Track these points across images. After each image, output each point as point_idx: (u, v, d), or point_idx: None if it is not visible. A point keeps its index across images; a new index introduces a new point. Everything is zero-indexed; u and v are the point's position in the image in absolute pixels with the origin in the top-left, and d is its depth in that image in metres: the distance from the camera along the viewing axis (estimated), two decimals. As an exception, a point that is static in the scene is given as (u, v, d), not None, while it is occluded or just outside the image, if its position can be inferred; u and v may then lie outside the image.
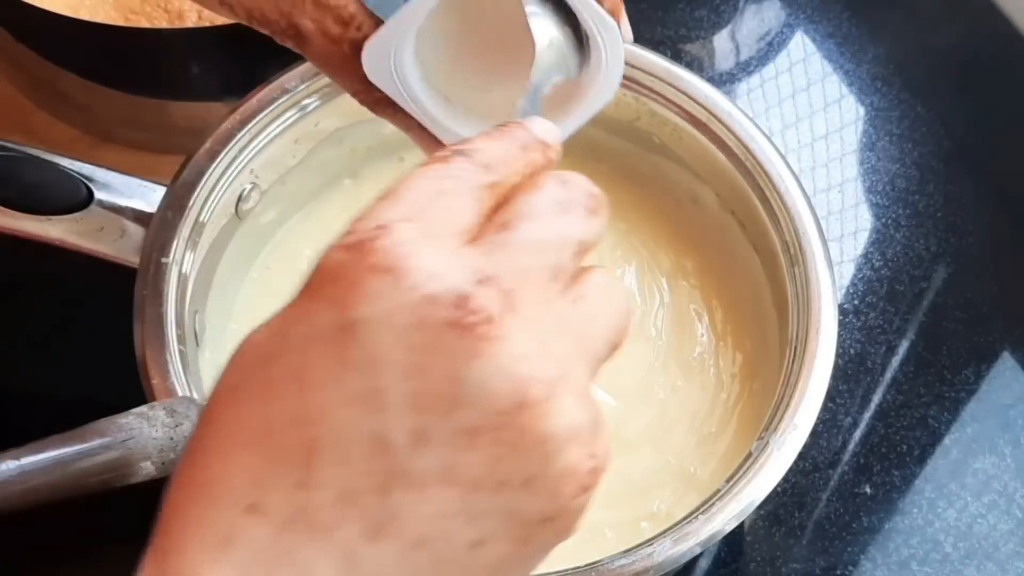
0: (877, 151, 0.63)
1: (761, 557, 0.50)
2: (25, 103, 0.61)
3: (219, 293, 0.48)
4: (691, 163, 0.51)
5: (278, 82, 0.48)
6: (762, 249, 0.48)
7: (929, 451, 0.54)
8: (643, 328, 0.50)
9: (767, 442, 0.41)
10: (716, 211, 0.51)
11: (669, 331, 0.50)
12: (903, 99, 0.65)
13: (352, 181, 0.53)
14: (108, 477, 0.36)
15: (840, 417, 0.54)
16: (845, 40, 0.67)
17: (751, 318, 0.50)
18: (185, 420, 0.37)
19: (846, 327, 0.56)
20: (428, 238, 0.25)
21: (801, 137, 0.63)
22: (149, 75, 0.56)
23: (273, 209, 0.51)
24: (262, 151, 0.48)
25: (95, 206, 0.45)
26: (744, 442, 0.44)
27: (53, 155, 0.46)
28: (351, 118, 0.51)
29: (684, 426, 0.48)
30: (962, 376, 0.56)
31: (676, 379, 0.49)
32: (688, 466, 0.47)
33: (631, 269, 0.52)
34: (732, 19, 0.68)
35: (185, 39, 0.54)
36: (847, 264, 0.59)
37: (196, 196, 0.46)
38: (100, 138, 0.59)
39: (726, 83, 0.65)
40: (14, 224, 0.45)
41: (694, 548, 0.39)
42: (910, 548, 0.51)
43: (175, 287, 0.44)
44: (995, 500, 0.52)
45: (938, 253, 0.60)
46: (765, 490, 0.40)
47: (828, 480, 0.52)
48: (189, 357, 0.43)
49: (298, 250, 0.52)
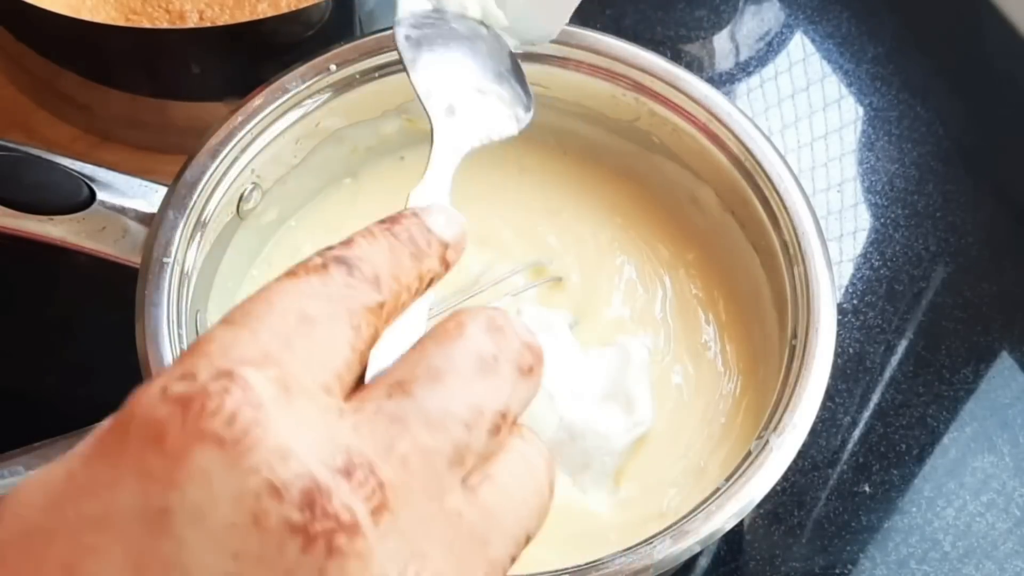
0: (876, 151, 0.63)
1: (760, 555, 0.51)
2: (26, 103, 0.61)
3: (220, 292, 0.48)
4: (691, 163, 0.51)
5: (279, 82, 0.48)
6: (761, 249, 0.49)
7: (928, 450, 0.54)
8: (650, 314, 0.50)
9: (766, 441, 0.41)
10: (715, 211, 0.51)
11: (675, 317, 0.50)
12: (902, 99, 0.65)
13: (353, 180, 0.53)
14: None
15: (839, 416, 0.54)
16: (844, 40, 0.67)
17: (751, 317, 0.50)
18: None
19: (845, 326, 0.57)
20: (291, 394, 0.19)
21: (800, 137, 0.64)
22: (150, 75, 0.56)
23: (274, 209, 0.51)
24: (263, 151, 0.48)
25: (97, 206, 0.45)
26: (750, 438, 0.44)
27: (55, 155, 0.46)
28: (352, 118, 0.51)
29: (697, 417, 0.48)
30: (961, 375, 0.56)
31: (688, 366, 0.49)
32: (699, 461, 0.47)
33: (630, 262, 0.52)
34: (732, 19, 0.68)
35: (186, 39, 0.54)
36: (846, 264, 0.59)
37: (197, 196, 0.46)
38: (101, 138, 0.59)
39: (726, 83, 0.65)
40: (15, 224, 0.45)
41: (694, 546, 0.39)
42: (909, 547, 0.51)
43: (176, 287, 0.44)
44: (994, 499, 0.53)
45: (937, 253, 0.60)
46: (764, 489, 0.40)
47: (827, 479, 0.53)
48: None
49: (299, 248, 0.52)
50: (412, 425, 0.20)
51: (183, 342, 0.43)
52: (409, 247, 0.23)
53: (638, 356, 0.47)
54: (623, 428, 0.45)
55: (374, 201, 0.53)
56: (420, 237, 0.24)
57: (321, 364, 0.20)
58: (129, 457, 0.19)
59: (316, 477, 0.18)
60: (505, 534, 0.21)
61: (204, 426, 0.18)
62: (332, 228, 0.52)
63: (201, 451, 0.18)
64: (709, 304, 0.51)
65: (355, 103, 0.50)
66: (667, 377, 0.49)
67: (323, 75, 0.49)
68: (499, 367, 0.22)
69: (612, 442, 0.45)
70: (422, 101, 0.34)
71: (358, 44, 0.49)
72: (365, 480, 0.19)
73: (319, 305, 0.21)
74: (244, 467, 0.18)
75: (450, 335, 0.22)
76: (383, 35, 0.49)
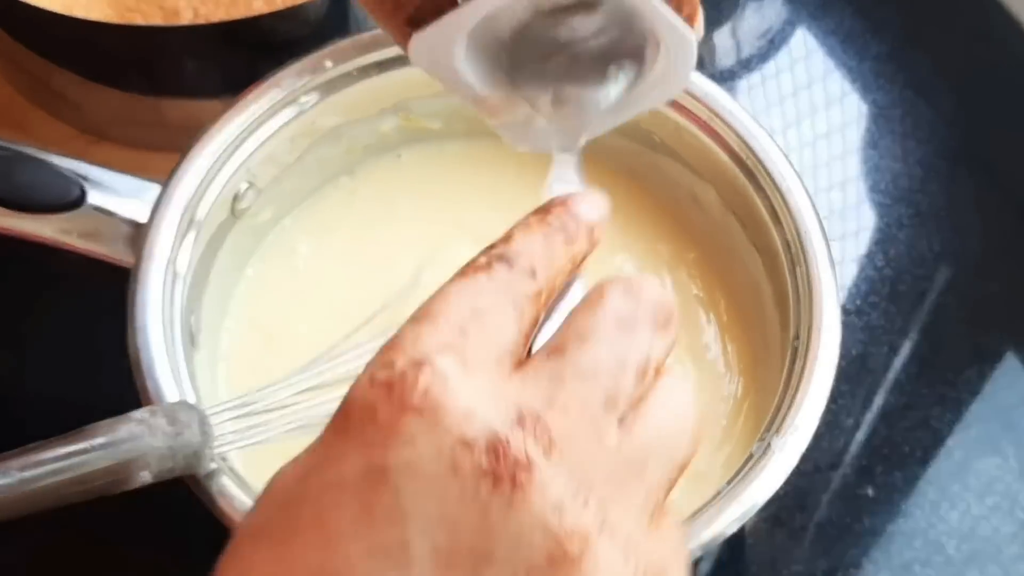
0: (880, 149, 0.63)
1: (762, 559, 0.50)
2: (19, 101, 0.60)
3: (214, 292, 0.48)
4: (692, 161, 0.51)
5: (274, 79, 0.48)
6: (763, 248, 0.48)
7: (931, 452, 0.53)
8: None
9: (768, 443, 0.41)
10: (717, 210, 0.51)
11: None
12: (906, 97, 0.65)
13: (349, 179, 0.53)
14: (103, 484, 0.35)
15: (842, 418, 0.54)
16: (847, 37, 0.67)
17: (753, 317, 0.49)
18: (186, 429, 0.37)
19: (848, 327, 0.56)
20: (469, 370, 0.24)
21: (803, 135, 0.63)
22: (144, 73, 0.56)
23: (269, 207, 0.51)
24: (258, 149, 0.48)
25: (89, 205, 0.45)
26: (751, 440, 0.43)
27: (46, 153, 0.46)
28: (348, 116, 0.51)
29: (700, 420, 0.47)
30: (965, 377, 0.55)
31: (688, 367, 0.49)
32: (700, 463, 0.46)
33: (630, 261, 0.51)
34: (733, 16, 0.68)
35: (180, 37, 0.54)
36: (849, 264, 0.59)
37: (192, 194, 0.45)
38: (95, 136, 0.59)
39: (727, 80, 0.65)
40: (6, 223, 0.45)
41: (695, 551, 0.39)
42: (912, 550, 0.51)
43: (170, 286, 0.44)
44: (998, 502, 0.52)
45: (941, 253, 0.59)
46: (767, 492, 0.40)
47: (830, 482, 0.52)
48: (184, 357, 0.43)
49: (294, 248, 0.51)
50: (567, 379, 0.24)
51: (176, 342, 0.43)
52: (561, 234, 0.27)
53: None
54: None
55: (371, 200, 0.53)
56: (571, 224, 0.28)
57: (494, 344, 0.25)
58: (352, 432, 0.24)
59: (496, 430, 0.23)
60: (658, 461, 0.25)
61: (406, 401, 0.23)
62: (328, 227, 0.52)
63: (406, 420, 0.23)
64: (710, 304, 0.51)
65: (351, 100, 0.50)
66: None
67: (319, 72, 0.48)
68: (636, 323, 0.26)
69: None
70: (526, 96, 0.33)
71: (354, 41, 0.49)
72: (534, 428, 0.23)
73: (487, 298, 0.25)
74: (440, 428, 0.23)
75: (593, 303, 0.26)
76: (379, 32, 0.48)
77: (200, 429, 0.37)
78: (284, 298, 0.50)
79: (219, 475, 0.39)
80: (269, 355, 0.48)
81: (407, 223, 0.52)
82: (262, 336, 0.49)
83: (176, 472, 0.37)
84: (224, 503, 0.39)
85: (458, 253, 0.50)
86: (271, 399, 0.40)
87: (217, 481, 0.39)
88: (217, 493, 0.39)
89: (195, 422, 0.37)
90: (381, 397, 0.23)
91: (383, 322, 0.46)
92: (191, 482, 0.39)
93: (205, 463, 0.38)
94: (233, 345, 0.49)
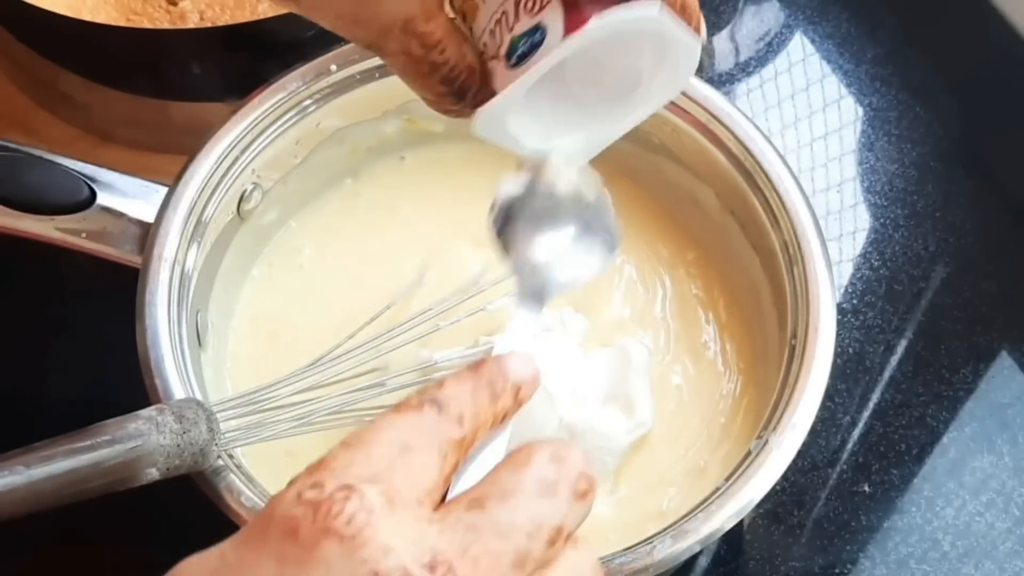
0: (876, 151, 0.63)
1: (760, 555, 0.51)
2: (26, 103, 0.61)
3: (221, 292, 0.48)
4: (690, 163, 0.51)
5: (279, 83, 0.48)
6: (761, 249, 0.49)
7: (927, 450, 0.54)
8: (651, 314, 0.50)
9: (766, 440, 0.41)
10: (715, 211, 0.51)
11: (675, 318, 0.50)
12: (902, 99, 0.65)
13: (353, 181, 0.53)
14: (111, 481, 0.36)
15: (839, 416, 0.54)
16: (844, 41, 0.67)
17: (751, 317, 0.50)
18: (193, 427, 0.37)
19: (845, 326, 0.57)
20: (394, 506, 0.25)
21: (800, 137, 0.64)
22: (150, 75, 0.56)
23: (275, 209, 0.51)
24: (264, 151, 0.48)
25: (97, 206, 0.45)
26: (749, 437, 0.44)
27: (55, 155, 0.46)
28: (352, 118, 0.51)
29: (699, 417, 0.48)
30: (960, 375, 0.56)
31: (688, 365, 0.49)
32: (699, 460, 0.47)
33: (630, 261, 0.52)
34: (731, 20, 0.68)
35: (187, 40, 0.54)
36: (846, 264, 0.59)
37: (198, 196, 0.46)
38: (101, 138, 0.59)
39: (725, 83, 0.65)
40: (15, 224, 0.45)
41: (693, 546, 0.39)
42: (908, 546, 0.51)
43: (177, 287, 0.44)
44: (993, 499, 0.53)
45: (936, 253, 0.60)
46: (764, 488, 0.40)
47: (827, 479, 0.53)
48: (191, 356, 0.43)
49: (299, 248, 0.52)
50: (484, 533, 0.25)
51: (183, 342, 0.43)
52: (488, 390, 0.28)
53: (638, 358, 0.47)
54: (624, 430, 0.45)
55: (374, 201, 0.53)
56: (498, 381, 0.29)
57: (417, 482, 0.26)
58: (270, 544, 0.24)
59: (409, 570, 0.24)
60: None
61: (329, 525, 0.24)
62: (333, 228, 0.52)
63: (327, 543, 0.24)
64: (709, 304, 0.51)
65: (355, 103, 0.50)
66: (667, 377, 0.49)
67: (323, 75, 0.49)
68: (557, 490, 0.27)
69: (612, 442, 0.45)
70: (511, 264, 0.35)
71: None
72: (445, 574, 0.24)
73: (416, 437, 0.26)
74: (358, 558, 0.24)
75: (519, 463, 0.27)
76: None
77: (207, 426, 0.37)
78: (289, 298, 0.50)
79: (225, 471, 0.39)
80: (274, 354, 0.48)
81: (410, 225, 0.52)
82: (267, 335, 0.49)
83: (183, 469, 0.37)
84: (230, 499, 0.39)
85: (459, 254, 0.51)
86: (276, 397, 0.41)
87: (223, 477, 0.39)
88: (224, 489, 0.39)
89: (202, 420, 0.37)
90: (306, 516, 0.24)
91: (386, 321, 0.46)
92: (197, 478, 0.39)
93: (211, 460, 0.38)
94: (239, 344, 0.49)
